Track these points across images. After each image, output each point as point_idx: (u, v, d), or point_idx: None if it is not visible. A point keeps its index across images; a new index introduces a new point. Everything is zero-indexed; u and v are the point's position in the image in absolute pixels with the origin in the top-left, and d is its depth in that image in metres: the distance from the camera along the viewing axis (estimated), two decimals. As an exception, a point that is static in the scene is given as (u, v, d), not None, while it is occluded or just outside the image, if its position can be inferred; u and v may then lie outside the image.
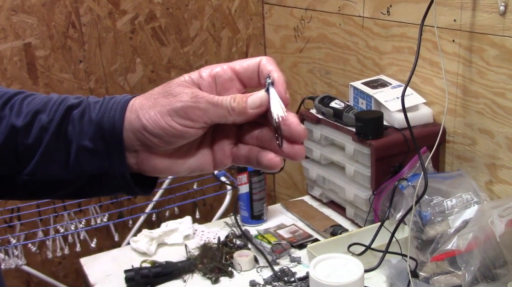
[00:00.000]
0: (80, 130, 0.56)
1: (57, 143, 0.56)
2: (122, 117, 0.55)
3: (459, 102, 1.30)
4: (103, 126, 0.55)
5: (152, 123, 0.53)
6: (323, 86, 1.83)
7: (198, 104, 0.53)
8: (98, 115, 0.56)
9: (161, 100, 0.54)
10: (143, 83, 1.96)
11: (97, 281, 1.27)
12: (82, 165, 0.56)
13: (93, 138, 0.55)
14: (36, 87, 1.80)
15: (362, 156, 1.34)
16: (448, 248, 1.06)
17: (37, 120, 0.57)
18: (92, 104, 0.58)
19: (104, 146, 0.55)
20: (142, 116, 0.54)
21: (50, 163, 0.56)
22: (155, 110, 0.53)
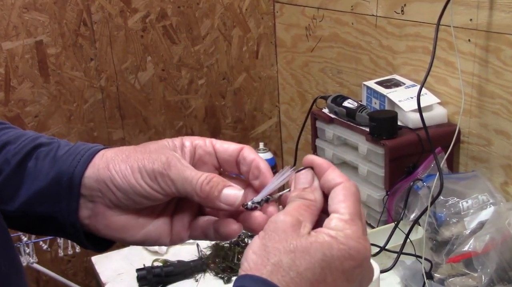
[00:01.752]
0: (40, 168, 0.54)
1: (13, 178, 0.54)
2: (87, 162, 0.52)
3: (474, 102, 1.29)
4: (63, 168, 0.53)
5: (121, 177, 0.51)
6: (335, 85, 1.82)
7: (168, 172, 0.50)
8: (63, 156, 0.54)
9: (135, 155, 0.51)
10: (154, 82, 1.96)
11: (108, 280, 1.27)
12: (31, 205, 0.54)
13: (50, 178, 0.53)
14: (47, 85, 1.80)
15: (375, 156, 1.33)
16: (465, 250, 1.05)
17: (4, 152, 0.55)
18: (62, 146, 0.56)
19: (58, 188, 0.52)
20: (112, 167, 0.51)
21: (4, 198, 0.54)
22: (127, 164, 0.51)
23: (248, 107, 2.15)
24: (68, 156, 0.53)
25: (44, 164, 0.54)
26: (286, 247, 0.45)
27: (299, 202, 0.48)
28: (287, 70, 2.08)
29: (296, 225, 0.46)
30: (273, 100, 2.18)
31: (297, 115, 2.09)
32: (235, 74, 2.09)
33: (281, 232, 0.45)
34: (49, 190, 0.53)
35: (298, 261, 0.44)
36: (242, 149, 0.54)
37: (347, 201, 0.47)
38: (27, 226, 0.56)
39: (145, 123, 1.98)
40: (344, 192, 0.48)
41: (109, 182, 0.51)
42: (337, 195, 0.48)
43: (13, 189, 0.54)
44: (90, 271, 1.96)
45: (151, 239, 0.54)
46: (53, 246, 1.81)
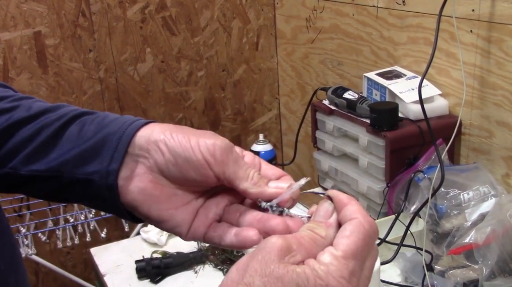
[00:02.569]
0: (85, 132, 0.52)
1: (52, 141, 0.53)
2: (140, 125, 0.51)
3: (476, 93, 1.28)
4: (112, 129, 0.52)
5: (177, 141, 0.50)
6: (335, 77, 1.81)
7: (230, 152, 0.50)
8: (114, 121, 0.53)
9: (195, 132, 0.51)
10: (153, 73, 1.95)
11: (107, 271, 1.26)
12: (68, 165, 0.52)
13: (96, 139, 0.51)
14: (46, 76, 1.79)
15: (376, 148, 1.32)
16: (466, 242, 1.04)
17: (43, 117, 0.54)
18: (110, 115, 0.55)
19: (102, 148, 0.51)
20: (169, 133, 0.50)
21: (38, 158, 0.53)
22: (184, 134, 0.50)
23: (248, 99, 2.13)
24: (119, 120, 0.52)
25: (90, 128, 0.52)
26: (263, 269, 0.42)
27: (305, 233, 0.45)
28: (287, 62, 2.07)
29: (284, 251, 0.43)
30: (273, 92, 2.17)
31: (297, 107, 2.08)
32: (234, 66, 2.07)
33: (265, 253, 0.42)
34: (92, 150, 0.51)
35: (268, 286, 0.41)
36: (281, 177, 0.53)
37: (351, 237, 0.44)
38: (54, 190, 0.54)
39: (144, 115, 1.97)
40: (352, 228, 0.44)
41: (161, 143, 0.50)
42: (344, 230, 0.44)
43: (50, 150, 0.53)
44: (89, 263, 1.95)
45: (171, 223, 0.52)
46: (52, 238, 1.80)
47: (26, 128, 0.53)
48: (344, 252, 0.43)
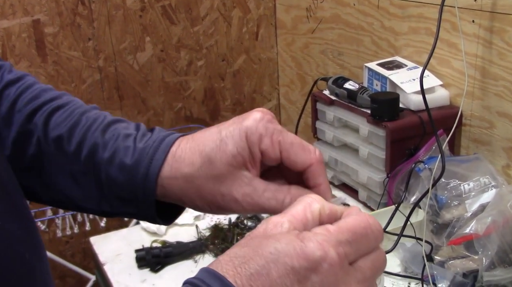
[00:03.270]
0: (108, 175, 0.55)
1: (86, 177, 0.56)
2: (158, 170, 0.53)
3: (477, 84, 1.28)
4: (134, 176, 0.54)
5: (201, 210, 0.53)
6: (335, 67, 1.80)
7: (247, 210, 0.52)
8: (132, 160, 0.54)
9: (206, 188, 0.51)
10: (153, 62, 1.94)
11: (107, 260, 1.26)
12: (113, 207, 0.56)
13: (123, 185, 0.54)
14: (45, 64, 1.78)
15: (376, 138, 1.32)
16: (466, 232, 1.04)
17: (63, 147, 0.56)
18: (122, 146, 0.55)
19: (134, 197, 0.54)
20: (187, 201, 0.53)
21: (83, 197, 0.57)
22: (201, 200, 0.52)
23: (247, 89, 2.13)
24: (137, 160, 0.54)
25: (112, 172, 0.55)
26: (249, 239, 0.42)
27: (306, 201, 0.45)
28: (287, 52, 2.06)
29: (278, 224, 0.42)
30: (273, 82, 2.16)
31: (296, 97, 2.07)
32: (234, 56, 2.06)
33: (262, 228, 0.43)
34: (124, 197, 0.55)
35: (248, 250, 0.41)
36: (311, 166, 0.50)
37: (350, 219, 0.43)
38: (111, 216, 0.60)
39: (144, 104, 1.96)
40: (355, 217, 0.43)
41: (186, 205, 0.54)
42: (349, 215, 0.44)
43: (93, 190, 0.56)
44: (88, 252, 1.95)
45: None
46: (51, 227, 1.80)
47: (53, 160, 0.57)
48: (339, 226, 0.42)
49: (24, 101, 0.58)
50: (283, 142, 0.50)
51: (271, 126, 0.50)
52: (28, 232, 0.49)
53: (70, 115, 0.58)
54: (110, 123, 0.58)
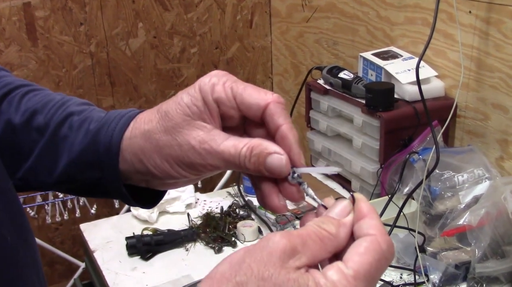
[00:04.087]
0: (73, 139, 0.53)
1: (50, 150, 0.54)
2: (121, 133, 0.51)
3: (472, 76, 1.27)
4: (98, 139, 0.52)
5: (160, 171, 0.50)
6: (330, 57, 1.79)
7: (207, 161, 0.48)
8: (97, 126, 0.53)
9: (163, 141, 0.49)
10: (145, 49, 1.91)
11: (97, 248, 1.25)
12: (72, 175, 0.54)
13: (87, 149, 0.53)
14: (35, 48, 1.75)
15: (370, 129, 1.31)
16: (459, 223, 1.04)
17: (34, 120, 0.55)
18: (94, 114, 0.55)
19: (97, 159, 0.53)
20: (146, 162, 0.50)
21: (41, 170, 0.55)
22: (160, 156, 0.50)
23: (240, 77, 2.09)
24: (101, 126, 0.53)
25: (78, 135, 0.53)
26: (260, 271, 0.38)
27: (313, 229, 0.40)
28: (281, 41, 2.05)
29: (288, 253, 0.38)
30: (266, 71, 2.15)
31: (290, 87, 2.06)
32: (228, 44, 2.04)
33: (266, 254, 0.38)
34: (87, 161, 0.53)
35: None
36: (267, 106, 0.47)
37: (365, 256, 0.38)
38: (72, 191, 0.57)
39: (136, 91, 1.94)
40: (368, 245, 0.39)
41: (148, 175, 0.51)
42: (359, 246, 0.39)
43: (51, 160, 0.54)
44: (78, 239, 1.94)
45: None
46: (40, 213, 1.78)
47: (22, 134, 0.55)
48: (356, 272, 0.38)
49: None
50: (235, 87, 0.48)
51: (224, 77, 0.49)
52: (11, 215, 0.48)
53: (45, 96, 0.58)
54: (86, 103, 0.58)
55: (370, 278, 0.38)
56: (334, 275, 0.38)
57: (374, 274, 0.38)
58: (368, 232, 0.40)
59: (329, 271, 0.38)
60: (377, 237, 0.39)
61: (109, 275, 1.16)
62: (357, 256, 0.38)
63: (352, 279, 0.37)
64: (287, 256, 0.38)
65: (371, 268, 0.38)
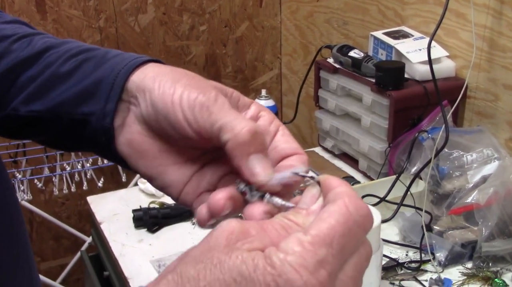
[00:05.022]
0: (83, 70, 0.49)
1: (54, 79, 0.50)
2: (134, 66, 0.46)
3: (484, 56, 1.26)
4: (108, 70, 0.47)
5: (160, 93, 0.44)
6: (340, 37, 1.78)
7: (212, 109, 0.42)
8: (111, 60, 0.48)
9: (187, 80, 0.44)
10: (154, 25, 1.91)
11: (104, 220, 1.26)
12: (65, 105, 0.49)
13: (93, 79, 0.48)
14: (44, 22, 1.75)
15: (380, 107, 1.30)
16: (467, 202, 1.04)
17: (48, 54, 0.51)
18: (111, 51, 0.50)
19: (98, 89, 0.47)
20: (158, 80, 0.45)
21: (39, 98, 0.50)
22: (174, 84, 0.44)
23: (249, 57, 2.10)
24: (117, 59, 0.48)
25: (88, 67, 0.48)
26: (202, 256, 0.33)
27: (277, 220, 0.36)
28: (291, 21, 2.03)
29: (236, 235, 0.33)
30: (275, 51, 2.14)
31: (299, 67, 2.05)
32: (237, 22, 2.03)
33: (212, 239, 0.34)
34: (89, 91, 0.47)
35: (203, 273, 0.33)
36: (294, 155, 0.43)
37: (328, 219, 0.33)
38: (53, 133, 0.51)
39: (144, 67, 1.93)
40: (332, 209, 0.34)
41: (147, 93, 0.44)
42: (323, 212, 0.34)
43: (50, 89, 0.49)
44: (84, 214, 1.95)
45: (159, 181, 0.46)
46: (48, 187, 1.79)
47: (31, 67, 0.51)
48: (314, 236, 0.33)
49: None
50: None
51: None
52: None
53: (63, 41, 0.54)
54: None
55: (335, 244, 0.33)
56: (288, 244, 0.32)
57: (340, 240, 0.33)
58: (335, 198, 0.35)
59: (283, 242, 0.33)
60: (345, 201, 0.34)
61: (116, 246, 1.16)
62: (318, 221, 0.34)
63: (308, 245, 0.32)
64: (235, 237, 0.33)
65: (334, 232, 0.33)
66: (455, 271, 1.03)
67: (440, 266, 1.04)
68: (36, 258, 1.95)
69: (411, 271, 1.03)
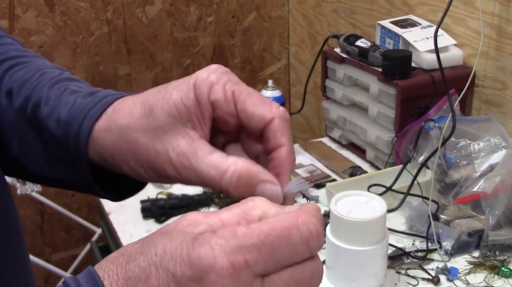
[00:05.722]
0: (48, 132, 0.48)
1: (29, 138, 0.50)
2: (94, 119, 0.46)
3: (492, 44, 1.25)
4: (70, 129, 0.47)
5: (133, 173, 0.45)
6: (347, 26, 1.77)
7: (182, 176, 0.42)
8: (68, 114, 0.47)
9: (140, 143, 0.43)
10: (162, 17, 1.91)
11: (112, 210, 1.27)
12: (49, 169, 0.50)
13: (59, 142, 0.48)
14: (53, 14, 1.76)
15: (387, 97, 1.30)
16: (474, 191, 1.04)
17: (12, 101, 0.50)
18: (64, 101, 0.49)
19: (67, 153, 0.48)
20: (119, 160, 0.45)
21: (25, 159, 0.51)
22: (134, 159, 0.44)
23: (257, 47, 2.10)
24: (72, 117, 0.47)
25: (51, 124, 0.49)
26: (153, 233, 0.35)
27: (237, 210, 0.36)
28: (299, 11, 2.03)
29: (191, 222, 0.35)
30: (283, 41, 2.13)
31: (306, 57, 2.05)
32: (245, 13, 2.03)
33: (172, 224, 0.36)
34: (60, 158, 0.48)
35: (138, 248, 0.35)
36: (272, 121, 0.42)
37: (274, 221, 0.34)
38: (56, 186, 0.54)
39: (152, 59, 1.94)
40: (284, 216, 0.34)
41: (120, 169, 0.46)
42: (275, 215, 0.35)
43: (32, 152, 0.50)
44: (94, 205, 1.97)
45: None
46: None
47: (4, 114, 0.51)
48: (250, 228, 0.33)
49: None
50: (238, 92, 0.41)
51: (225, 76, 0.42)
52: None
53: (27, 72, 0.52)
54: (61, 80, 0.51)
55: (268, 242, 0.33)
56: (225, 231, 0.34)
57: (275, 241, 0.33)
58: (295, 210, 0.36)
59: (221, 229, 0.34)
60: (298, 213, 0.35)
61: (124, 236, 1.17)
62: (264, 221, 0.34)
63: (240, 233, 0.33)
64: (186, 223, 0.35)
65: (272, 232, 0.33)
66: (462, 260, 1.03)
67: (446, 255, 1.04)
68: (47, 249, 1.98)
69: (418, 260, 1.03)
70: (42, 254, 1.96)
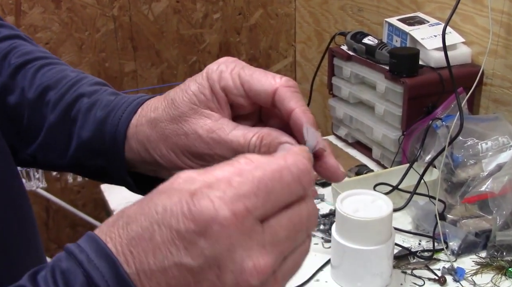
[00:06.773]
0: (82, 124, 0.53)
1: (60, 130, 0.54)
2: (128, 121, 0.51)
3: (501, 42, 1.23)
4: (105, 128, 0.52)
5: (167, 162, 0.49)
6: (354, 24, 1.76)
7: (214, 151, 0.46)
8: (103, 114, 0.53)
9: (169, 129, 0.48)
10: (168, 13, 1.90)
11: (117, 207, 1.26)
12: (81, 160, 0.54)
13: (93, 137, 0.52)
14: (59, 11, 1.75)
15: (394, 95, 1.29)
16: (482, 190, 1.02)
17: (46, 97, 0.54)
18: (104, 98, 0.54)
19: (103, 148, 0.52)
20: (152, 151, 0.49)
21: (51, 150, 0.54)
22: (166, 146, 0.48)
23: (263, 44, 2.09)
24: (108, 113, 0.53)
25: (86, 121, 0.53)
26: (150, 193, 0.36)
27: None
28: (305, 8, 2.01)
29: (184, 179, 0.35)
30: (289, 39, 2.12)
31: (313, 55, 2.04)
32: (251, 10, 2.02)
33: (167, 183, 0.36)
34: (94, 148, 0.53)
35: (136, 209, 0.35)
36: (275, 91, 0.44)
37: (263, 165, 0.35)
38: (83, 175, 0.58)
39: (158, 56, 1.94)
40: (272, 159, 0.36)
41: (155, 165, 0.50)
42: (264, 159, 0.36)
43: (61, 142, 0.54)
44: (99, 202, 1.97)
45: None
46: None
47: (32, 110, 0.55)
48: (244, 177, 0.34)
49: (16, 55, 0.58)
50: (243, 74, 0.45)
51: (232, 63, 0.47)
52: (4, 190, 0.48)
53: (60, 71, 0.57)
54: (99, 82, 0.57)
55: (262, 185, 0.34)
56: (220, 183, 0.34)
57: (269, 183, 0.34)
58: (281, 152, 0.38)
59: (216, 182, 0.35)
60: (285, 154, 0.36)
61: (129, 234, 1.17)
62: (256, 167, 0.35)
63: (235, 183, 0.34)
64: (180, 178, 0.35)
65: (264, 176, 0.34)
66: (469, 260, 1.02)
67: (453, 255, 1.03)
68: (52, 245, 1.98)
69: (424, 260, 1.02)
70: (47, 250, 1.96)
